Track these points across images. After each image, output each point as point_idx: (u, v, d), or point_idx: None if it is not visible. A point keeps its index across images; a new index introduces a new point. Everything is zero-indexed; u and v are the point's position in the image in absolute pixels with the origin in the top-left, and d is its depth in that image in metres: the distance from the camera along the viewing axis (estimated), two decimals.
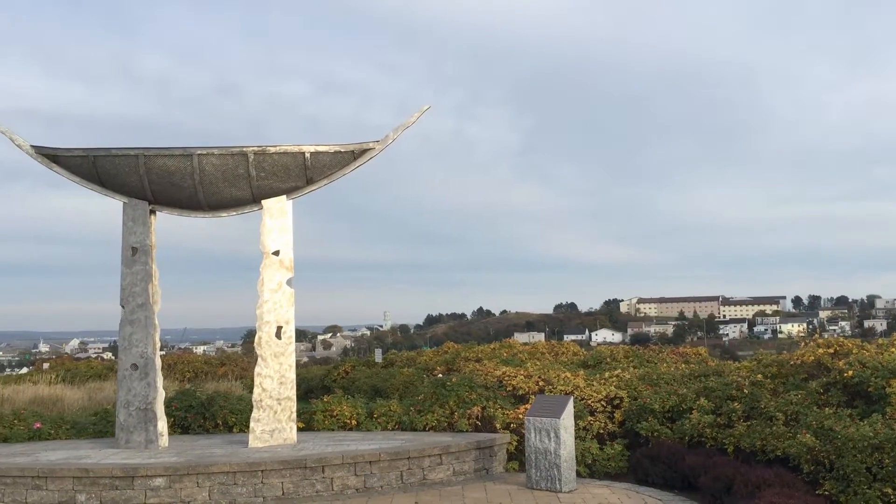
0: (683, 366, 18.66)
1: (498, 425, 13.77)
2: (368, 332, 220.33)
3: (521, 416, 13.63)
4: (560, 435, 11.61)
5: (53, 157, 13.66)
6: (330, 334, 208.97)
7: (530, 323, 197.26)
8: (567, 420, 11.83)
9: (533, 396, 14.51)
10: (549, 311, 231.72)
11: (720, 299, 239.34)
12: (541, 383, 15.28)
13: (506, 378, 15.69)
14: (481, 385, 15.22)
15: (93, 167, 13.47)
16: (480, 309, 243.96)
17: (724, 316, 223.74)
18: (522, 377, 15.55)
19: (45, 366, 43.57)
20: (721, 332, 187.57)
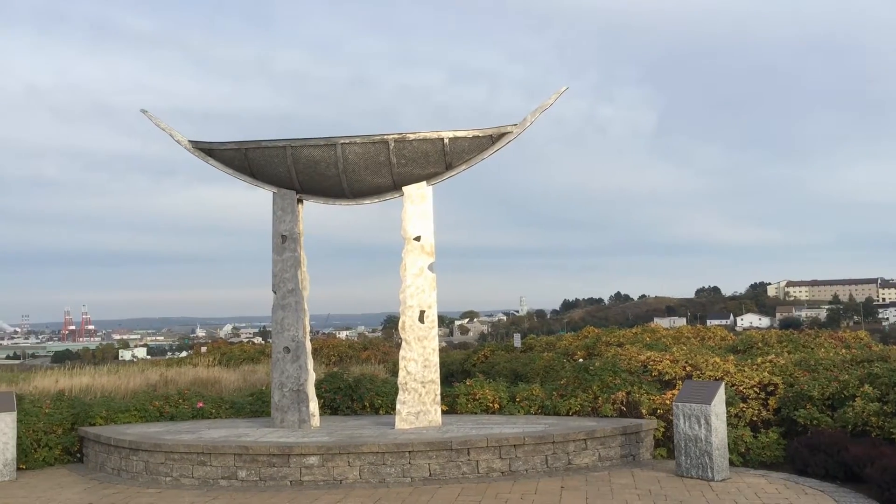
0: (844, 351, 17.57)
1: (644, 411, 13.44)
2: (505, 318, 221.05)
3: (668, 401, 13.25)
4: (711, 422, 11.19)
5: (209, 151, 14.40)
6: (467, 319, 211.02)
7: (670, 307, 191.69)
8: (718, 406, 11.39)
9: (680, 382, 14.08)
10: (691, 295, 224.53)
11: (879, 281, 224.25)
12: (688, 368, 14.79)
13: (650, 363, 15.30)
14: (625, 370, 14.91)
15: (245, 159, 14.10)
16: (618, 293, 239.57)
17: (884, 299, 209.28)
18: (668, 362, 15.10)
19: (203, 349, 46.31)
20: (880, 316, 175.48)
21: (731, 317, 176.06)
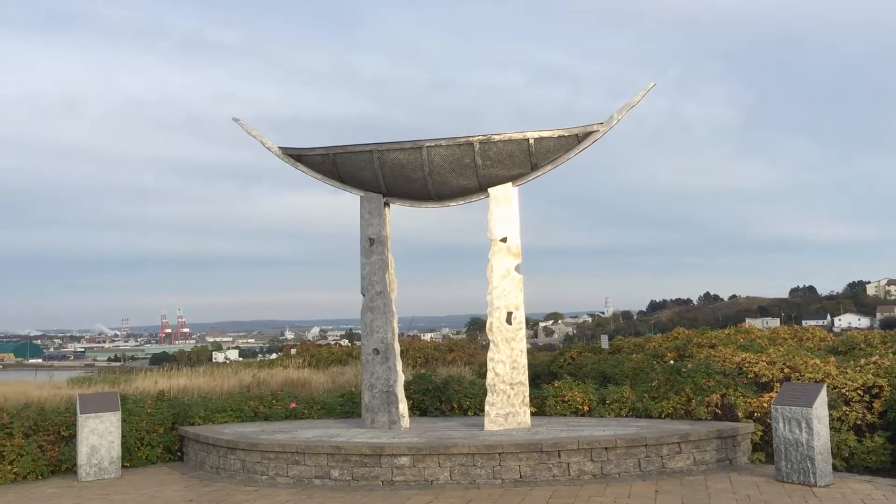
0: None
1: (740, 414, 13.05)
2: (590, 319, 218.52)
3: (765, 404, 12.83)
4: (812, 425, 10.78)
5: (298, 156, 14.71)
6: (551, 321, 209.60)
7: (763, 308, 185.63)
8: (820, 409, 10.96)
9: (777, 384, 13.62)
10: (784, 295, 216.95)
11: None
12: (786, 370, 14.28)
13: (746, 364, 14.83)
14: (719, 371, 14.50)
15: (332, 164, 14.35)
16: (707, 294, 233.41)
17: None
18: (765, 363, 14.62)
19: (293, 351, 47.41)
20: None
21: (829, 317, 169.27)
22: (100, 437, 13.50)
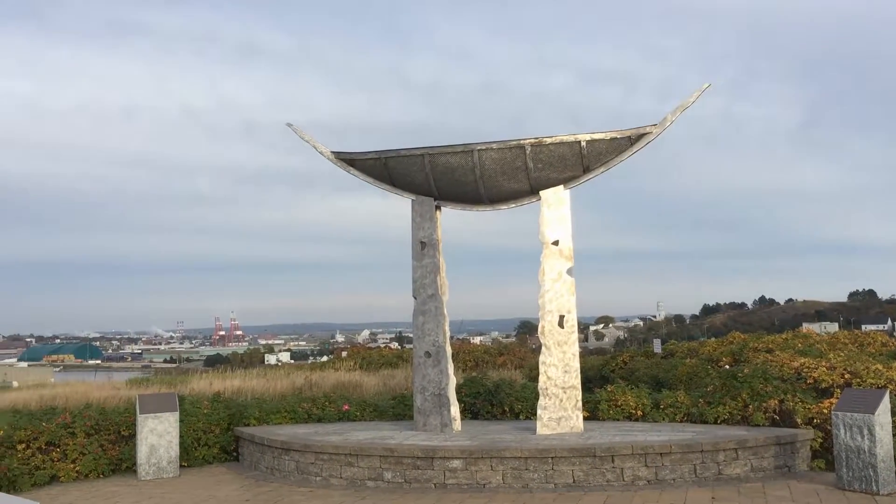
0: None
1: (798, 420, 12.77)
2: (641, 323, 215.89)
3: (825, 410, 12.53)
4: (875, 432, 10.50)
5: (350, 161, 14.85)
6: (602, 325, 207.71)
7: (821, 312, 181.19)
8: (883, 416, 10.67)
9: (838, 390, 13.32)
10: (843, 298, 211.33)
11: None
12: (846, 376, 13.96)
13: (805, 370, 14.54)
14: (776, 377, 14.23)
15: (384, 168, 14.46)
16: (762, 297, 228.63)
17: None
18: (824, 369, 14.31)
19: (344, 354, 47.81)
20: None
21: (889, 322, 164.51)
22: (159, 436, 13.80)
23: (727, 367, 18.24)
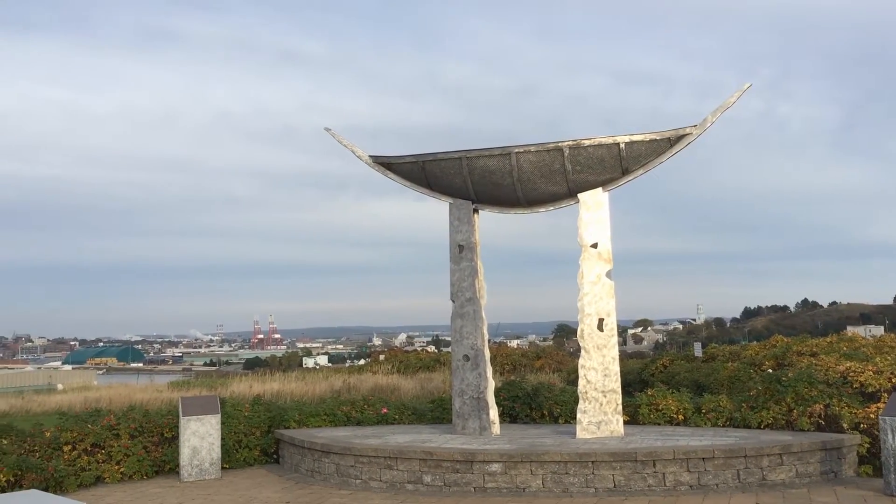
0: None
1: (845, 425, 12.52)
2: (680, 326, 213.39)
3: (872, 415, 12.27)
4: None
5: (388, 164, 14.92)
6: (640, 328, 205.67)
7: (865, 315, 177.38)
8: None
9: (885, 394, 13.03)
10: (888, 301, 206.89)
11: None
12: (894, 380, 13.63)
13: (851, 374, 14.22)
14: (821, 381, 13.95)
15: (422, 171, 14.49)
16: (805, 300, 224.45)
17: None
18: (871, 373, 13.98)
19: (381, 357, 47.95)
20: None
21: None
22: (201, 438, 13.97)
23: (770, 371, 17.91)
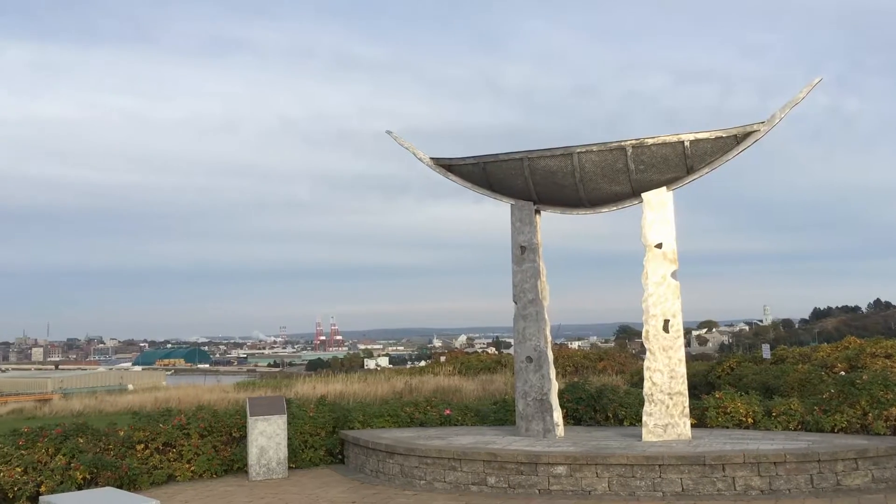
0: None
1: None
2: (747, 328, 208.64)
3: None
4: None
5: (448, 166, 14.95)
6: (705, 329, 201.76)
7: None
8: None
9: None
10: None
11: None
12: None
13: None
14: None
15: (483, 173, 14.48)
16: (878, 300, 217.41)
17: None
18: None
19: (442, 359, 48.11)
20: None
21: None
22: (268, 438, 14.22)
23: (843, 373, 17.42)
